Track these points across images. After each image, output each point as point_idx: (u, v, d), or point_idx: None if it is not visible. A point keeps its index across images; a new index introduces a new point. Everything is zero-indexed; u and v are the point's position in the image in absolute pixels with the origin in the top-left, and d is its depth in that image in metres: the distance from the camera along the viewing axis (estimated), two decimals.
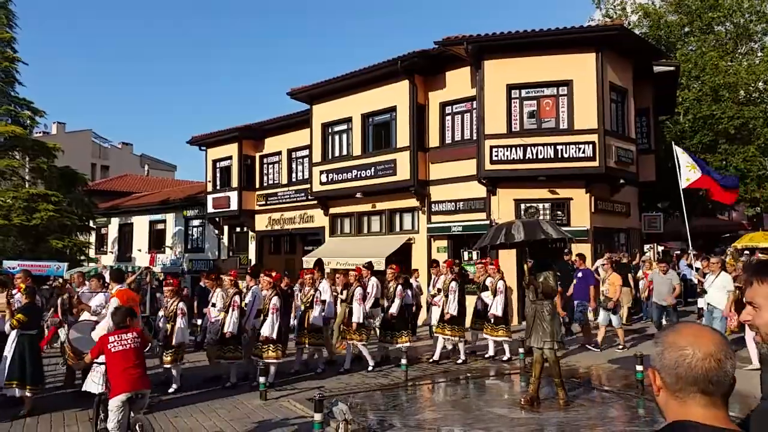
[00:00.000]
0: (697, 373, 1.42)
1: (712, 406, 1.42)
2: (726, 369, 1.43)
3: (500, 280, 11.12)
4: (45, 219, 21.96)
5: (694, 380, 1.42)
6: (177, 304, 9.17)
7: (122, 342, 5.50)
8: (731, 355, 1.45)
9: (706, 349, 1.43)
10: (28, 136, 24.06)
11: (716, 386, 1.42)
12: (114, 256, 32.66)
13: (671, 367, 1.45)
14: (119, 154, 51.65)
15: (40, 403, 8.16)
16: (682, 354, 1.44)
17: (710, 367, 1.41)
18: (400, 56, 17.29)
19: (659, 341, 1.52)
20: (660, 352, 1.50)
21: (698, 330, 1.50)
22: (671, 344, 1.48)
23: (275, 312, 9.26)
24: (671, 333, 1.51)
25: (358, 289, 10.57)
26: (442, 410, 8.02)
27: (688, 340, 1.46)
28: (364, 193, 19.05)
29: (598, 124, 15.16)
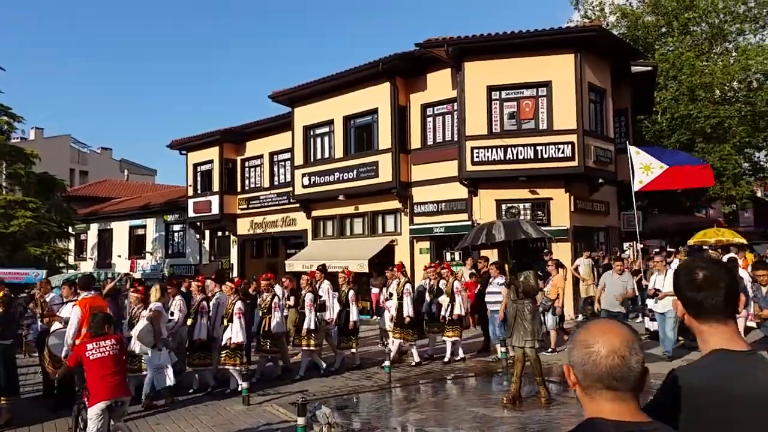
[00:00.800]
0: (602, 371, 1.46)
1: (619, 401, 1.46)
2: (630, 365, 1.45)
3: (455, 281, 11.08)
4: (23, 226, 21.64)
5: (599, 377, 1.46)
6: (140, 312, 8.89)
7: (100, 349, 5.43)
8: (638, 350, 1.48)
9: (611, 346, 1.46)
10: (5, 142, 23.71)
11: (621, 382, 1.45)
12: (93, 262, 32.27)
13: (579, 364, 1.50)
14: (98, 159, 51.04)
15: (19, 413, 8.03)
16: (588, 351, 1.48)
17: (614, 364, 1.45)
18: (381, 58, 17.34)
19: (571, 339, 1.56)
20: (571, 349, 1.55)
21: (606, 327, 1.53)
22: (580, 342, 1.52)
23: (240, 317, 9.00)
24: (582, 331, 1.55)
25: (309, 295, 10.28)
26: (426, 411, 8.03)
27: (595, 338, 1.49)
28: (347, 196, 19.05)
29: (577, 124, 15.32)
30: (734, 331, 1.81)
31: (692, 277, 1.81)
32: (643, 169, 12.28)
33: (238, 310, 9.05)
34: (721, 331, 1.79)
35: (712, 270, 1.80)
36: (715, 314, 1.79)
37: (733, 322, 1.81)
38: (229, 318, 9.18)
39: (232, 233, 24.84)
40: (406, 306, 10.63)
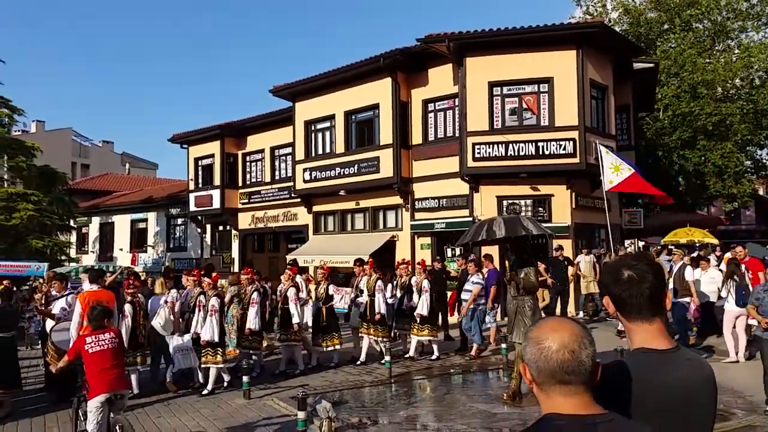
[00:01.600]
0: (553, 365, 1.49)
1: (573, 395, 1.50)
2: (581, 359, 1.49)
3: (425, 280, 10.98)
4: (24, 218, 21.70)
5: (551, 372, 1.50)
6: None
7: (99, 343, 5.44)
8: (587, 345, 1.52)
9: (561, 342, 1.50)
10: (6, 135, 23.73)
11: (573, 375, 1.49)
12: (95, 255, 32.32)
13: (533, 361, 1.53)
14: (100, 153, 51.05)
15: (21, 406, 8.07)
16: (539, 348, 1.52)
17: (564, 358, 1.48)
18: (383, 53, 17.30)
19: (526, 337, 1.59)
20: (524, 347, 1.58)
21: (557, 324, 1.56)
22: (532, 339, 1.55)
23: (214, 313, 8.87)
24: (535, 328, 1.59)
25: (291, 289, 10.28)
26: (426, 406, 8.07)
27: (546, 334, 1.53)
28: (348, 191, 19.05)
29: (578, 120, 15.29)
30: (658, 329, 1.84)
31: (618, 276, 1.86)
32: (613, 169, 12.22)
33: (212, 308, 8.89)
34: (645, 329, 1.83)
35: (638, 269, 1.84)
36: (640, 312, 1.83)
37: (658, 320, 1.85)
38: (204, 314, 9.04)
39: (234, 227, 24.86)
40: (378, 303, 10.54)
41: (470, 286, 11.04)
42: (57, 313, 8.43)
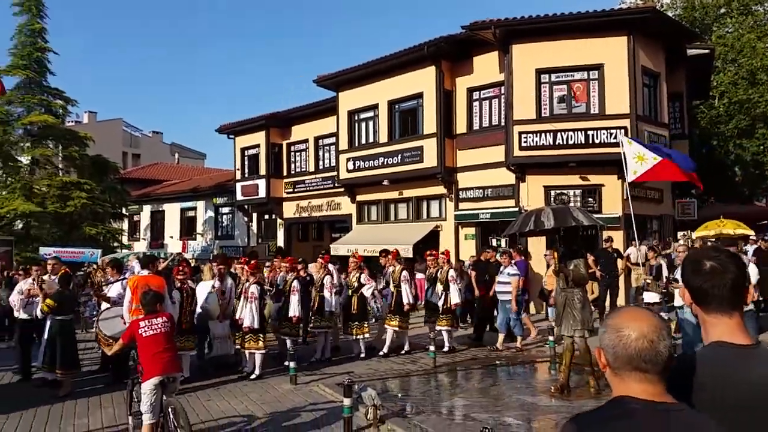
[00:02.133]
0: (631, 353, 1.55)
1: (647, 382, 1.55)
2: (658, 349, 1.55)
3: (452, 270, 10.83)
4: (78, 206, 22.49)
5: (629, 359, 1.56)
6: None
7: (152, 327, 5.56)
8: (665, 336, 1.57)
9: (640, 331, 1.55)
10: (60, 125, 24.56)
11: (649, 364, 1.54)
12: (146, 242, 33.28)
13: (610, 347, 1.59)
14: (150, 143, 52.39)
15: (79, 386, 8.38)
16: (618, 335, 1.58)
17: (643, 347, 1.54)
18: (427, 42, 17.14)
19: (604, 324, 1.66)
20: (602, 333, 1.64)
21: (636, 313, 1.62)
22: (611, 326, 1.61)
23: (254, 300, 8.99)
24: (614, 316, 1.65)
25: (327, 277, 10.35)
26: (472, 397, 7.99)
27: (626, 323, 1.59)
28: (391, 181, 19.02)
29: (629, 108, 14.86)
30: (737, 323, 1.80)
31: (699, 266, 1.83)
32: (637, 159, 11.73)
33: (252, 295, 9.02)
34: (724, 323, 1.80)
35: (720, 260, 1.81)
36: (720, 305, 1.79)
37: (737, 314, 1.81)
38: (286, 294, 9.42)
39: (279, 216, 25.19)
40: (405, 293, 10.47)
41: (506, 278, 10.88)
42: (113, 297, 8.68)
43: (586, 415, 1.66)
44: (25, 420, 7.02)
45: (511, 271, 10.93)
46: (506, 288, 10.87)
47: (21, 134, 24.12)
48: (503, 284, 10.94)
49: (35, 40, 23.96)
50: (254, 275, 9.34)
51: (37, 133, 23.80)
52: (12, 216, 22.02)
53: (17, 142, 24.09)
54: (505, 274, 10.95)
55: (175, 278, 9.03)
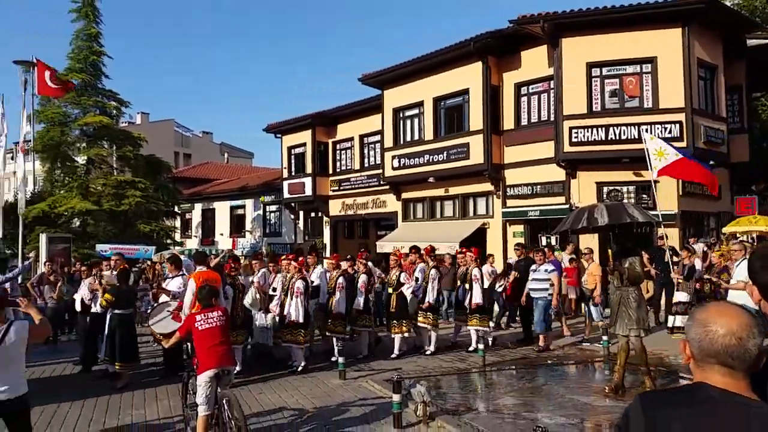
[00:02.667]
0: (717, 348, 1.55)
1: (730, 377, 1.55)
2: (747, 347, 1.53)
3: (476, 269, 10.56)
4: (133, 204, 23.17)
5: (714, 353, 1.56)
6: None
7: (208, 320, 5.67)
8: (756, 334, 1.55)
9: (729, 328, 1.55)
10: (114, 126, 25.38)
11: (736, 361, 1.54)
12: (198, 240, 34.12)
13: (696, 340, 1.60)
14: (200, 143, 53.65)
15: (136, 378, 8.65)
16: (705, 330, 1.58)
17: (730, 344, 1.54)
18: (473, 37, 16.96)
19: (691, 317, 1.66)
20: (689, 326, 1.65)
21: (725, 309, 1.61)
22: (699, 321, 1.61)
23: (299, 295, 9.10)
24: (702, 310, 1.64)
25: (363, 276, 10.36)
26: (523, 396, 7.86)
27: (714, 318, 1.58)
28: (437, 178, 18.92)
29: (685, 102, 14.38)
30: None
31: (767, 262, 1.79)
32: (656, 154, 11.25)
33: (298, 289, 9.13)
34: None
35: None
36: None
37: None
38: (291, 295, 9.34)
39: (325, 214, 25.42)
40: (430, 292, 10.38)
41: (542, 275, 10.63)
42: (173, 291, 8.91)
43: (655, 394, 1.65)
44: (87, 409, 7.28)
45: (549, 268, 10.70)
46: (541, 285, 10.61)
47: (77, 135, 25.03)
48: (539, 281, 10.70)
49: (91, 45, 24.79)
50: (300, 271, 9.47)
51: (93, 133, 24.65)
52: (70, 214, 22.89)
53: (74, 142, 25.00)
54: (541, 271, 10.69)
55: (228, 274, 9.22)
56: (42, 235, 17.78)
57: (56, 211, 22.53)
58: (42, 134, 23.50)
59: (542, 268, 10.72)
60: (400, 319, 10.26)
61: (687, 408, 1.53)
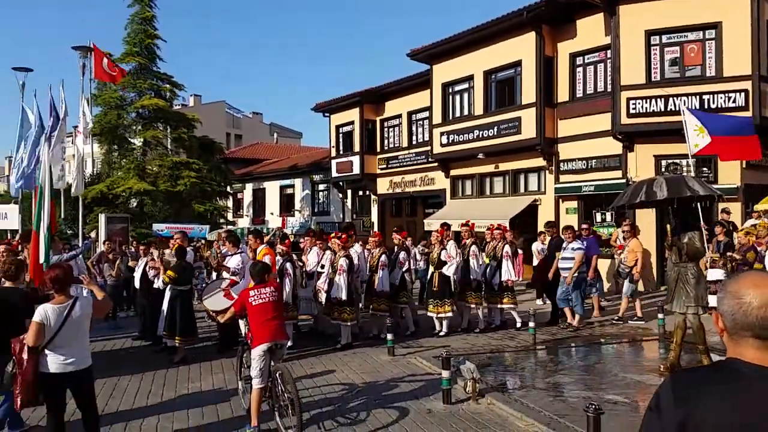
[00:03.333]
0: (752, 320, 1.51)
1: (765, 350, 1.52)
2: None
3: (506, 245, 10.30)
4: (188, 185, 23.81)
5: (748, 326, 1.52)
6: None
7: (261, 296, 5.77)
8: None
9: (763, 299, 1.51)
10: (169, 109, 25.99)
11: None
12: (249, 219, 34.86)
13: (729, 313, 1.56)
14: (251, 124, 54.51)
15: (191, 353, 8.92)
16: (739, 302, 1.54)
17: (765, 315, 1.50)
18: (526, 6, 16.42)
19: (723, 289, 1.62)
20: (721, 298, 1.61)
21: (759, 280, 1.57)
22: (731, 293, 1.57)
23: (342, 273, 9.12)
24: (734, 282, 1.60)
25: (402, 253, 10.31)
26: (574, 374, 7.72)
27: (747, 289, 1.54)
28: (487, 154, 18.58)
29: (752, 69, 13.56)
30: None
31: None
32: (698, 131, 10.46)
33: (341, 267, 9.16)
34: None
35: None
36: None
37: None
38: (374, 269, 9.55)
39: (373, 192, 25.45)
40: (474, 268, 10.23)
41: (570, 253, 10.26)
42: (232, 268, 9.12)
43: (687, 373, 1.62)
44: (145, 382, 7.56)
45: (575, 246, 10.32)
46: (568, 264, 10.27)
47: (133, 118, 25.80)
48: (566, 260, 10.34)
49: (146, 28, 25.36)
50: (345, 249, 9.51)
51: (148, 116, 25.33)
52: (127, 195, 23.71)
53: (130, 125, 25.81)
54: (569, 249, 10.31)
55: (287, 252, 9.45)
56: (101, 215, 18.46)
57: (114, 192, 23.39)
58: (100, 117, 24.32)
59: (570, 246, 10.35)
60: (442, 298, 10.00)
61: (719, 385, 1.50)
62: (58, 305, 4.58)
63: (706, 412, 1.47)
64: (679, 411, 1.49)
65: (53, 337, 4.50)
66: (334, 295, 9.20)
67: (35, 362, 4.47)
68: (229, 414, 6.27)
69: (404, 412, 6.16)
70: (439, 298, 10.01)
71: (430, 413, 6.12)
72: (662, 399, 1.56)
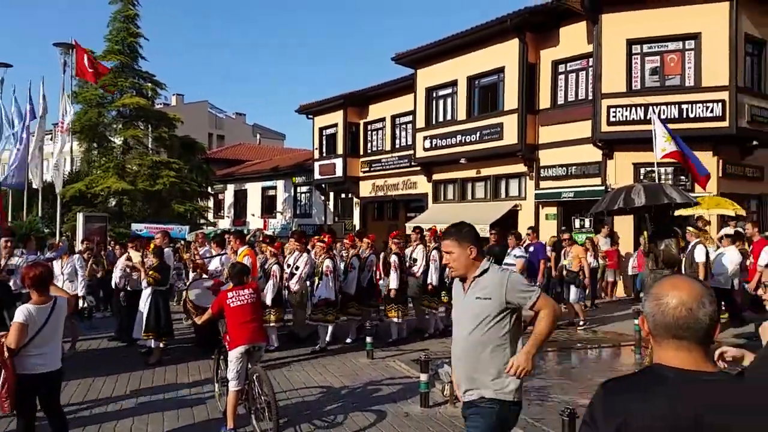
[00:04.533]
0: (669, 320, 1.57)
1: (684, 350, 1.57)
2: (697, 317, 1.55)
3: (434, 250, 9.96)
4: (168, 185, 23.52)
5: (666, 326, 1.58)
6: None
7: (240, 297, 5.72)
8: (706, 304, 1.57)
9: (679, 299, 1.57)
10: (150, 108, 25.71)
11: (688, 331, 1.56)
12: (230, 220, 34.62)
13: (651, 314, 1.62)
14: (233, 124, 54.11)
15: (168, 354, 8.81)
16: (658, 303, 1.60)
17: (680, 315, 1.56)
18: (510, 13, 16.58)
19: (647, 292, 1.69)
20: (645, 301, 1.68)
21: (678, 281, 1.64)
22: (653, 295, 1.64)
23: (329, 274, 9.10)
24: (657, 285, 1.67)
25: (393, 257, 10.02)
26: (551, 378, 7.78)
27: (666, 291, 1.61)
28: (469, 159, 18.69)
29: (729, 80, 13.85)
30: None
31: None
32: (666, 138, 10.73)
33: (327, 268, 9.13)
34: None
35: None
36: None
37: None
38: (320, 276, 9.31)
39: (355, 195, 25.44)
40: (430, 273, 10.09)
41: (511, 260, 10.15)
42: (211, 270, 9.04)
43: (618, 380, 1.68)
44: (120, 383, 7.46)
45: (517, 253, 10.31)
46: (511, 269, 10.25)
47: (114, 116, 25.45)
48: (509, 266, 10.05)
49: (128, 26, 25.05)
50: (329, 251, 9.47)
51: (129, 114, 25.03)
52: (106, 194, 23.40)
53: (111, 123, 25.44)
54: (511, 256, 10.27)
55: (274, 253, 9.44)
56: (79, 214, 18.21)
57: (93, 190, 23.05)
58: (80, 115, 23.95)
59: (513, 253, 10.31)
60: (389, 303, 9.87)
61: (647, 392, 1.54)
62: (40, 305, 4.49)
63: (638, 419, 1.50)
64: (612, 421, 1.50)
65: (33, 338, 4.41)
66: (320, 296, 9.14)
67: (13, 364, 4.38)
68: (205, 416, 6.21)
69: (382, 415, 6.15)
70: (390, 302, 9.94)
71: (407, 416, 6.11)
72: (595, 410, 1.57)
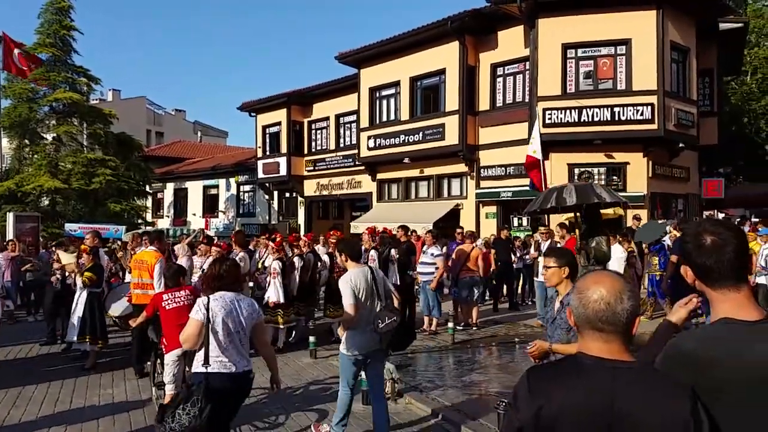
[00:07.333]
0: (589, 313, 1.66)
1: (604, 342, 1.65)
2: (615, 311, 1.64)
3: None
4: (103, 183, 22.69)
5: (587, 319, 1.67)
6: None
7: (176, 299, 5.63)
8: (625, 299, 1.65)
9: (599, 294, 1.65)
10: (85, 103, 24.74)
11: (607, 324, 1.64)
12: (170, 219, 33.70)
13: (574, 307, 1.71)
14: (173, 121, 52.67)
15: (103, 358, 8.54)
16: (580, 297, 1.70)
17: (599, 308, 1.65)
18: (450, 16, 16.87)
19: (574, 286, 1.78)
20: (571, 295, 1.77)
21: (600, 276, 1.72)
22: (577, 288, 1.73)
23: (276, 276, 9.07)
24: (581, 279, 1.77)
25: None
26: (490, 373, 8.01)
27: (588, 286, 1.69)
28: (412, 159, 18.91)
29: (657, 85, 14.54)
30: (746, 297, 1.75)
31: (700, 242, 1.79)
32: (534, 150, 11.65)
33: (274, 270, 9.11)
34: (732, 298, 1.75)
35: (720, 233, 1.78)
36: (727, 279, 1.75)
37: (745, 287, 1.76)
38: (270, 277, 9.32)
39: (300, 194, 25.27)
40: None
41: (429, 258, 10.37)
42: None
43: (541, 367, 1.79)
44: (53, 389, 7.19)
45: (435, 252, 10.48)
46: (427, 269, 10.36)
47: (46, 112, 24.36)
48: (425, 265, 10.44)
49: (61, 19, 24.04)
50: (278, 252, 9.41)
51: (62, 110, 24.01)
52: (38, 193, 22.37)
53: (43, 119, 24.35)
54: (428, 254, 10.45)
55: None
56: (9, 214, 17.38)
57: (24, 189, 21.99)
58: (9, 110, 22.86)
59: (429, 251, 10.48)
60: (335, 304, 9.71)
61: (567, 378, 1.63)
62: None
63: (557, 403, 1.59)
64: (534, 403, 1.60)
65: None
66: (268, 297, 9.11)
67: None
68: (143, 422, 6.06)
69: (323, 414, 6.19)
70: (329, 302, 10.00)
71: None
72: (519, 395, 1.66)
